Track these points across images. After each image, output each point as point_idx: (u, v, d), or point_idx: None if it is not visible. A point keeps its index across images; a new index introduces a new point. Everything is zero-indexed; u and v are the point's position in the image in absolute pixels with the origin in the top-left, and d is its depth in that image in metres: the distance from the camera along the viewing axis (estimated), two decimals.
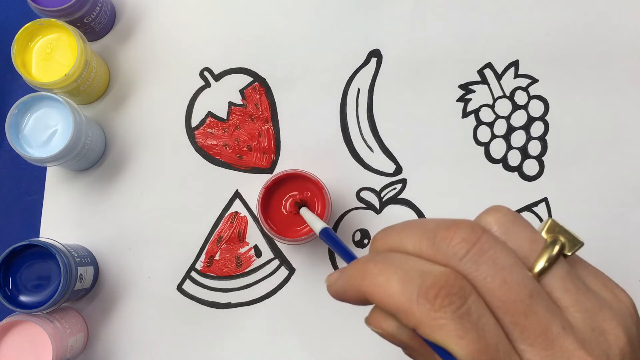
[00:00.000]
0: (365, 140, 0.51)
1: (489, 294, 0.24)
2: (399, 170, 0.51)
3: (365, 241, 0.50)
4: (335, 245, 0.39)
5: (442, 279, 0.23)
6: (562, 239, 0.26)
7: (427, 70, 0.52)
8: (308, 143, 0.51)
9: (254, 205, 0.51)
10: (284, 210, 0.47)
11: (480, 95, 0.51)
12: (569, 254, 0.26)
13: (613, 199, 0.50)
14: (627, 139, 0.51)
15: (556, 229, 0.26)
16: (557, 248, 0.25)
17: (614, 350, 0.24)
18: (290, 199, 0.47)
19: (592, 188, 0.50)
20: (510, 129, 0.51)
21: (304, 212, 0.47)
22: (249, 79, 0.52)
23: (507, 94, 0.52)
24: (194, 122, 0.52)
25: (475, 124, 0.51)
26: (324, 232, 0.41)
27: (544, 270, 0.25)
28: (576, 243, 0.26)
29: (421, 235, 0.25)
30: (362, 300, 0.26)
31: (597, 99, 0.51)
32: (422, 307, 0.23)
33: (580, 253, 0.27)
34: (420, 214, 0.50)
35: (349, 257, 0.36)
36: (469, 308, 0.23)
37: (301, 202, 0.48)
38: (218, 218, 0.51)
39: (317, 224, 0.43)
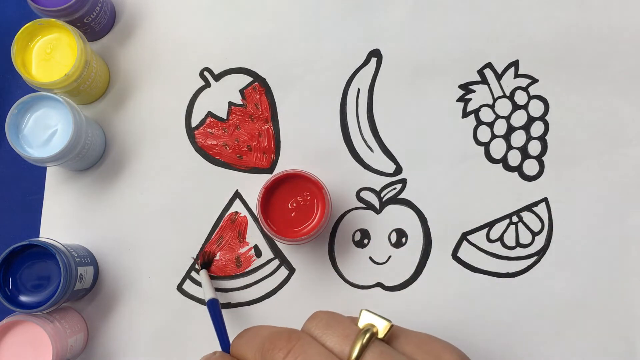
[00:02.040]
0: (365, 140, 0.51)
1: None
2: (399, 170, 0.51)
3: (365, 241, 0.50)
4: (216, 321, 0.42)
5: None
6: (374, 325, 0.29)
7: (427, 70, 0.52)
8: (308, 143, 0.51)
9: (254, 205, 0.51)
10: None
11: (480, 95, 0.51)
12: (382, 337, 0.29)
13: (613, 199, 0.50)
14: (627, 139, 0.51)
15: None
16: (367, 336, 0.28)
17: None
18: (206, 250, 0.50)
19: (592, 188, 0.50)
20: (510, 129, 0.51)
21: (203, 275, 0.48)
22: (249, 79, 0.52)
23: (507, 94, 0.52)
24: (194, 122, 0.52)
25: (475, 124, 0.51)
26: (210, 303, 0.44)
27: (357, 358, 0.28)
28: (386, 326, 0.29)
29: (257, 348, 0.31)
30: None
31: (597, 99, 0.51)
32: None
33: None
34: (420, 214, 0.50)
35: (223, 338, 0.41)
36: None
37: (208, 259, 0.49)
38: (218, 218, 0.51)
39: (207, 292, 0.45)
